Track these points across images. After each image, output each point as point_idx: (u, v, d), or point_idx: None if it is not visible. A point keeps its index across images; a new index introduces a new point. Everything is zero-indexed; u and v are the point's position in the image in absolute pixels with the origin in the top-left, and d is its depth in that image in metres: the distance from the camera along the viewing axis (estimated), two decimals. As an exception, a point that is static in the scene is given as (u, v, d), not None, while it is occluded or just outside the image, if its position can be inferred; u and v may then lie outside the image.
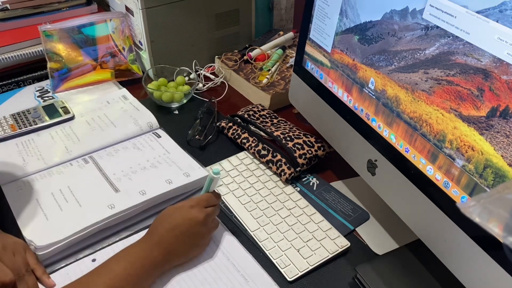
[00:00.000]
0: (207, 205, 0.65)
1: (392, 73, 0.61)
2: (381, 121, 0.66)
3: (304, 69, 0.83)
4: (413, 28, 0.57)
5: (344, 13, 0.69)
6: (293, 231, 0.71)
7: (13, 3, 1.08)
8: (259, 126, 0.88)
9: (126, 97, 1.00)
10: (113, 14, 1.07)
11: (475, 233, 0.51)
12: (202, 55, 1.13)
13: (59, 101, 0.97)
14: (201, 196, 0.66)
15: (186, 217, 0.62)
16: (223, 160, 0.86)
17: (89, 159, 0.82)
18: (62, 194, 0.74)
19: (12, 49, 1.03)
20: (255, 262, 0.66)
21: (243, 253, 0.68)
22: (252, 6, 1.15)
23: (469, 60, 0.50)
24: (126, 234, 0.71)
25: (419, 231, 0.61)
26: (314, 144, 0.83)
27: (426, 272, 0.63)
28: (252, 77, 1.05)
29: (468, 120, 0.51)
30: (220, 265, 0.66)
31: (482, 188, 0.51)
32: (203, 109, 0.96)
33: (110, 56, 1.06)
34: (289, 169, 0.79)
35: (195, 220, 0.62)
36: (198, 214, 0.63)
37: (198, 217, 0.63)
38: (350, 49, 0.69)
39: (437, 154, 0.56)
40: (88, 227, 0.67)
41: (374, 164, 0.68)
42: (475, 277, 0.52)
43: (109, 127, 0.90)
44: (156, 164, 0.81)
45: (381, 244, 0.70)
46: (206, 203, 0.65)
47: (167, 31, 1.04)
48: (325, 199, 0.78)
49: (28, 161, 0.81)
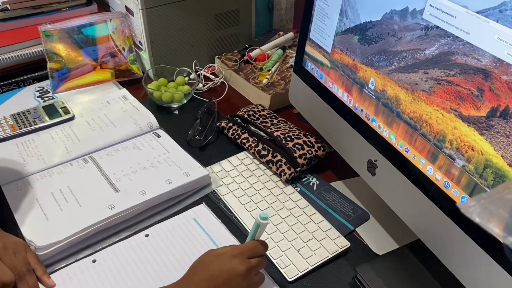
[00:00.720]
0: (251, 255, 0.57)
1: (392, 73, 0.61)
2: (381, 121, 0.66)
3: (304, 69, 0.83)
4: (413, 28, 0.57)
5: (344, 13, 0.69)
6: (293, 231, 0.71)
7: (13, 3, 1.08)
8: (259, 126, 0.88)
9: (126, 97, 1.00)
10: (113, 14, 1.07)
11: (475, 233, 0.51)
12: (202, 55, 1.13)
13: (59, 101, 0.97)
14: (246, 244, 0.58)
15: (225, 267, 0.55)
16: (223, 160, 0.86)
17: (89, 159, 0.82)
18: (62, 194, 0.74)
19: (12, 49, 1.03)
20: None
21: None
22: (252, 6, 1.15)
23: (469, 60, 0.50)
24: (126, 234, 0.71)
25: (419, 231, 0.61)
26: (314, 144, 0.83)
27: (426, 272, 0.63)
28: (252, 77, 1.05)
29: (468, 120, 0.51)
30: None
31: (482, 188, 0.50)
32: (203, 109, 0.96)
33: (110, 56, 1.06)
34: (289, 169, 0.79)
35: (235, 272, 0.55)
36: (239, 265, 0.55)
37: (239, 269, 0.55)
38: (350, 49, 0.69)
39: (437, 154, 0.56)
40: (88, 227, 0.67)
41: (374, 164, 0.68)
42: (475, 277, 0.52)
43: (109, 127, 0.90)
44: (156, 164, 0.81)
45: (381, 244, 0.70)
46: (251, 252, 0.57)
47: (167, 31, 1.04)
48: (325, 199, 0.78)
49: (28, 161, 0.81)
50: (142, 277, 0.64)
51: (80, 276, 0.64)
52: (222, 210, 0.75)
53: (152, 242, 0.69)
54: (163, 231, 0.71)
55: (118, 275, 0.64)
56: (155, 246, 0.69)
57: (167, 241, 0.70)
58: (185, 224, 0.72)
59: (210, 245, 0.69)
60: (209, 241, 0.70)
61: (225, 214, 0.75)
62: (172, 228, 0.72)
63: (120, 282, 0.64)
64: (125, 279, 0.64)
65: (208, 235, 0.71)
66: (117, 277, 0.64)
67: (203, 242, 0.70)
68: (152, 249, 0.68)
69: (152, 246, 0.69)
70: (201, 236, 0.71)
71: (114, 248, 0.68)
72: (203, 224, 0.73)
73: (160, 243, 0.69)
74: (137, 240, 0.70)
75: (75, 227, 0.66)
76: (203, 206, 0.76)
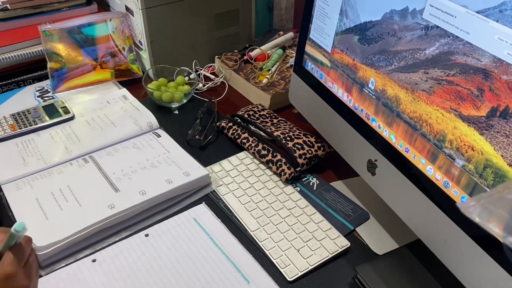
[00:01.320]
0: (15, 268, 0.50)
1: (392, 73, 0.61)
2: (381, 121, 0.66)
3: (304, 69, 0.83)
4: (413, 28, 0.57)
5: (344, 13, 0.69)
6: (293, 231, 0.71)
7: (13, 3, 1.08)
8: (259, 126, 0.88)
9: (126, 97, 1.00)
10: (113, 14, 1.07)
11: (475, 233, 0.51)
12: (202, 55, 1.13)
13: (59, 101, 0.97)
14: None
15: None
16: (223, 160, 0.86)
17: (89, 159, 0.82)
18: (62, 194, 0.74)
19: (12, 49, 1.03)
20: (255, 262, 0.66)
21: (243, 253, 0.68)
22: (252, 6, 1.15)
23: (469, 60, 0.50)
24: (126, 234, 0.71)
25: (419, 231, 0.61)
26: (314, 144, 0.83)
27: (426, 272, 0.63)
28: (252, 77, 1.05)
29: (468, 120, 0.51)
30: (220, 265, 0.66)
31: (482, 188, 0.50)
32: (203, 109, 0.96)
33: (110, 56, 1.06)
34: (289, 169, 0.79)
35: None
36: None
37: None
38: (350, 49, 0.69)
39: (437, 154, 0.56)
40: (88, 227, 0.67)
41: (374, 164, 0.68)
42: (475, 277, 0.52)
43: (109, 127, 0.90)
44: (156, 164, 0.81)
45: (381, 244, 0.70)
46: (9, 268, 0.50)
47: (167, 31, 1.04)
48: (325, 199, 0.78)
49: (28, 161, 0.81)
50: (142, 277, 0.64)
51: (80, 276, 0.64)
52: (222, 210, 0.75)
53: (152, 242, 0.69)
54: (163, 231, 0.71)
55: (118, 275, 0.64)
56: (155, 246, 0.69)
57: (167, 241, 0.70)
58: (185, 224, 0.73)
59: (210, 245, 0.69)
60: (209, 241, 0.70)
61: (225, 214, 0.75)
62: (172, 228, 0.72)
63: (120, 282, 0.64)
64: (125, 279, 0.64)
65: (208, 235, 0.71)
66: (117, 277, 0.64)
67: (203, 242, 0.70)
68: (152, 249, 0.68)
69: (152, 246, 0.69)
70: (201, 236, 0.71)
71: (114, 248, 0.68)
72: (203, 224, 0.73)
73: (160, 243, 0.69)
74: (137, 240, 0.70)
75: (75, 227, 0.66)
76: (203, 206, 0.76)
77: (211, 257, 0.67)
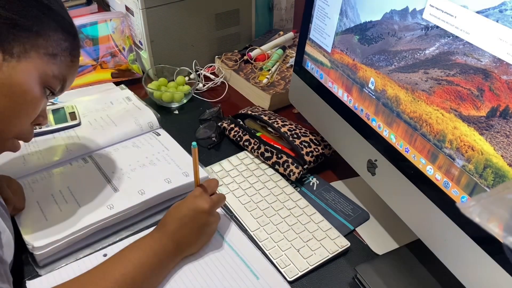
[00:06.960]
0: (211, 193, 0.67)
1: (392, 73, 0.61)
2: (381, 121, 0.66)
3: (304, 69, 0.83)
4: (413, 28, 0.57)
5: (344, 13, 0.69)
6: (293, 231, 0.71)
7: (13, 3, 1.08)
8: (265, 120, 0.87)
9: (129, 98, 0.99)
10: (113, 14, 1.07)
11: (475, 233, 0.51)
12: (202, 55, 1.13)
13: (69, 106, 0.94)
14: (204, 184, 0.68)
15: (192, 207, 0.64)
16: (223, 160, 0.85)
17: (88, 159, 0.82)
18: (62, 194, 0.74)
19: (12, 49, 1.03)
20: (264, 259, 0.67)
21: (252, 249, 0.68)
22: (252, 6, 1.15)
23: (469, 60, 0.50)
24: (126, 234, 0.71)
25: (419, 231, 0.61)
26: (320, 142, 0.83)
27: (426, 272, 0.63)
28: (252, 77, 1.05)
29: (468, 120, 0.51)
30: (229, 261, 0.66)
31: (482, 188, 0.50)
32: (213, 113, 0.95)
33: (110, 56, 1.06)
34: (297, 168, 0.79)
35: (201, 210, 0.64)
36: (204, 203, 0.64)
37: (204, 206, 0.64)
38: (350, 49, 0.69)
39: (437, 154, 0.56)
40: (86, 227, 0.67)
41: (374, 164, 0.68)
42: (475, 277, 0.52)
43: (109, 126, 0.90)
44: (154, 161, 0.81)
45: (381, 244, 0.70)
46: (210, 190, 0.67)
47: (167, 31, 1.04)
48: (325, 199, 0.78)
49: (28, 161, 0.80)
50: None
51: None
52: (222, 210, 0.75)
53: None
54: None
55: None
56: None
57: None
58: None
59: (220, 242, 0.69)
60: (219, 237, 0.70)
61: (225, 214, 0.75)
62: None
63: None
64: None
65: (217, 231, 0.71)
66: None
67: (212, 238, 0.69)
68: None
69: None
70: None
71: (114, 247, 0.68)
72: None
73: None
74: (137, 239, 0.70)
75: (74, 227, 0.66)
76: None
77: (220, 253, 0.67)
